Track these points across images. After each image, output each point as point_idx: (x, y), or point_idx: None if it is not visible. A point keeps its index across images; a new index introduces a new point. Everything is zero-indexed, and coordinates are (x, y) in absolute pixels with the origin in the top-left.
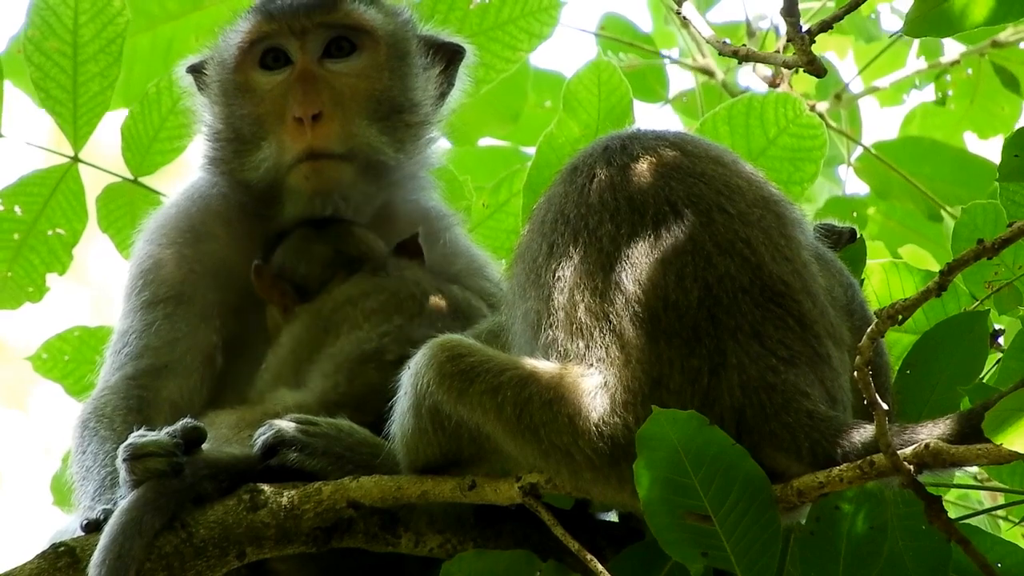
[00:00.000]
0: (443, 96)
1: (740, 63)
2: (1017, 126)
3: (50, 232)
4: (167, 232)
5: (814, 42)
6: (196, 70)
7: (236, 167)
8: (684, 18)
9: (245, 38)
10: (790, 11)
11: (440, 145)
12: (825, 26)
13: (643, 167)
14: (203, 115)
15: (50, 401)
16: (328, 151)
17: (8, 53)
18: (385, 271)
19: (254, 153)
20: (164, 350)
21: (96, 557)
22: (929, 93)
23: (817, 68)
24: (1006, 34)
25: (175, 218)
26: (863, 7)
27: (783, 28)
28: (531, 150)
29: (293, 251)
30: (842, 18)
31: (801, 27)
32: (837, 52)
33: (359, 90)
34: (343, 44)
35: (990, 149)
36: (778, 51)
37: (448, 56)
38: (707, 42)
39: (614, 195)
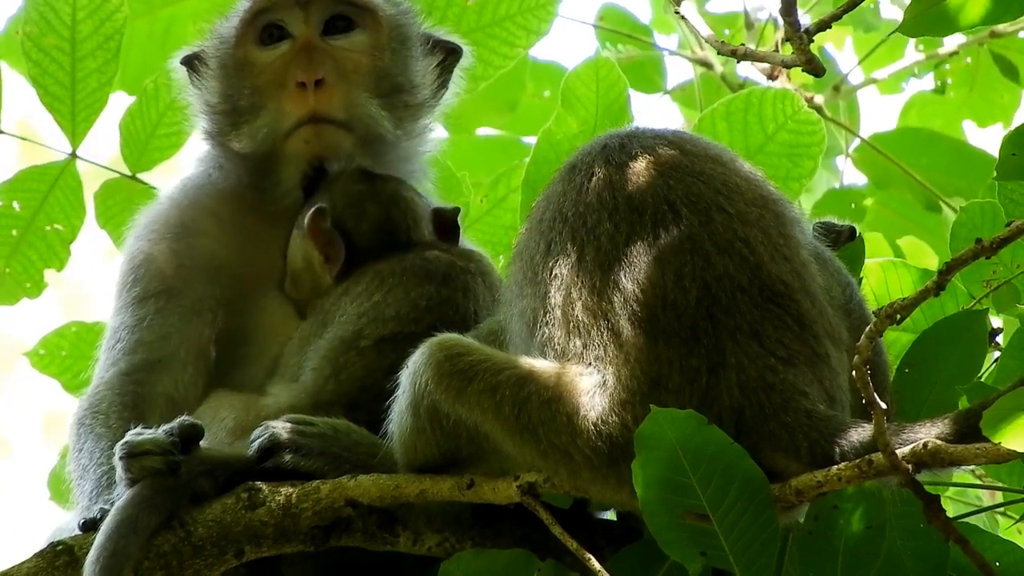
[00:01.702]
0: (440, 89)
1: (738, 61)
2: (1016, 115)
3: (48, 228)
4: (157, 228)
5: (812, 41)
6: (190, 61)
7: (233, 138)
8: (682, 17)
9: (248, 9)
10: (788, 10)
11: (436, 136)
12: (823, 25)
13: (642, 166)
14: (200, 95)
15: (13, 390)
16: (330, 116)
17: (7, 34)
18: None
19: (252, 122)
20: (157, 344)
21: (91, 555)
22: (928, 82)
23: (815, 67)
24: (1005, 24)
25: (165, 213)
26: None
27: (782, 20)
28: (530, 139)
29: (346, 204)
30: (840, 17)
31: (799, 26)
32: (835, 43)
33: (360, 64)
34: (343, 22)
35: (989, 138)
36: (776, 46)
37: (445, 53)
38: (705, 41)
39: (612, 194)
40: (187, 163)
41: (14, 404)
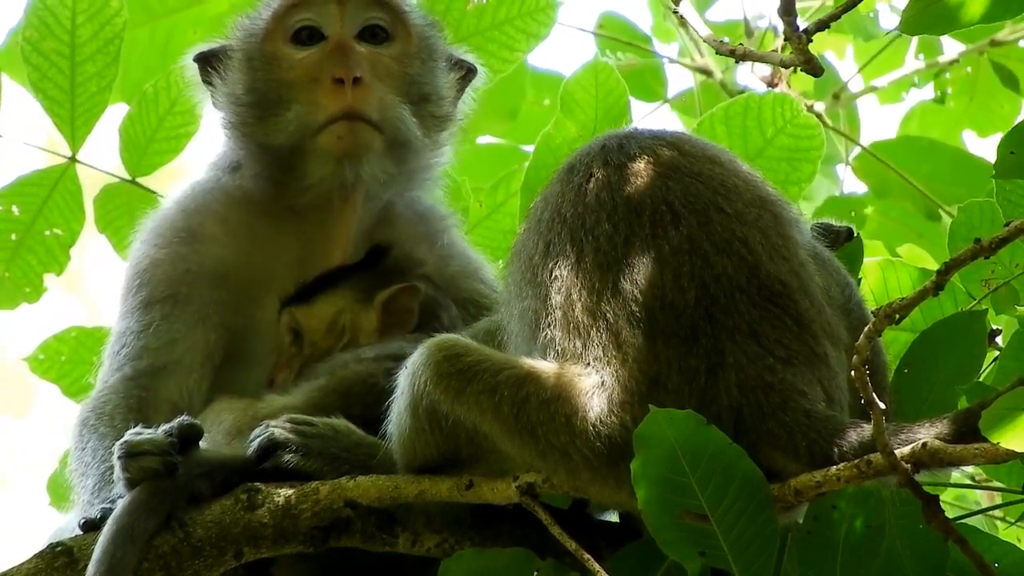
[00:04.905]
0: (455, 102)
1: (738, 62)
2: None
3: (48, 232)
4: (163, 232)
5: (811, 41)
6: (205, 58)
7: (258, 130)
8: (681, 17)
9: (283, 5)
10: (787, 10)
11: (449, 149)
12: (822, 25)
13: (640, 167)
14: (222, 87)
15: (51, 408)
16: (366, 115)
17: (7, 47)
18: None
19: (280, 115)
20: (162, 351)
21: (90, 568)
22: (928, 91)
23: (814, 67)
24: (1005, 32)
25: (172, 218)
26: (861, 5)
27: (781, 27)
28: (530, 148)
29: (427, 302)
30: (839, 17)
31: (798, 26)
32: (836, 51)
33: (393, 70)
34: (378, 31)
35: (989, 148)
36: (776, 50)
37: (463, 72)
38: (704, 41)
39: (611, 194)
40: (187, 167)
41: (41, 430)
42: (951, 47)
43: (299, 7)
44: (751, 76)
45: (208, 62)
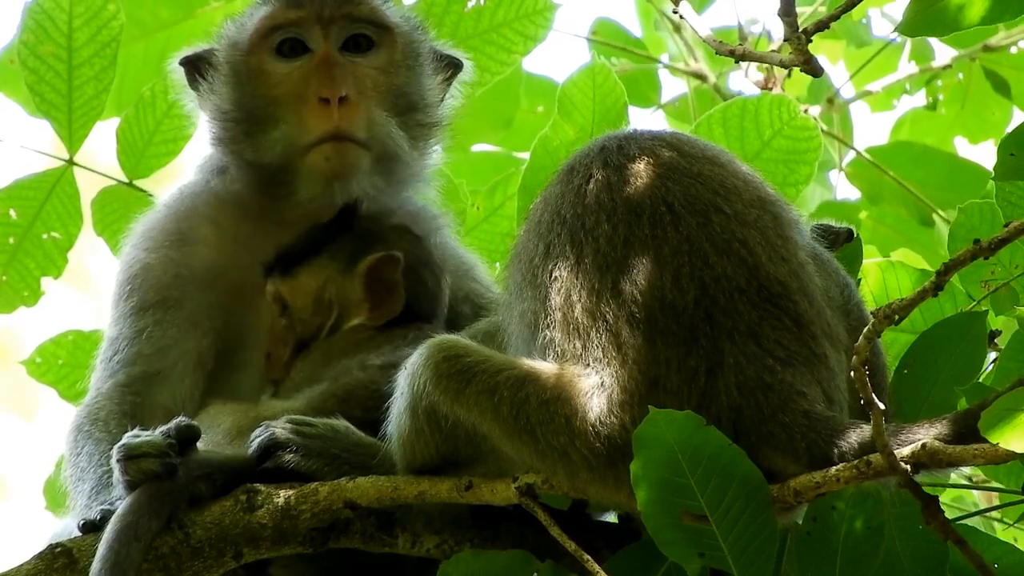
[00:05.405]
0: (442, 102)
1: (736, 62)
2: (1008, 131)
3: (45, 236)
4: (154, 236)
5: (810, 41)
6: (191, 62)
7: (246, 147)
8: (681, 16)
9: (266, 23)
10: (787, 10)
11: (440, 150)
12: (821, 25)
13: (640, 168)
14: (209, 99)
15: (57, 410)
16: (352, 134)
17: (1, 64)
18: None
19: (268, 133)
20: (155, 357)
21: (94, 566)
22: (920, 99)
23: (814, 67)
24: (997, 38)
25: (162, 221)
26: (854, 11)
27: (775, 32)
28: (524, 156)
29: (408, 264)
30: (839, 17)
31: (797, 26)
32: (829, 58)
33: (379, 82)
34: (361, 41)
35: (979, 154)
36: (774, 51)
37: (451, 68)
38: (703, 41)
39: (611, 196)
40: (185, 170)
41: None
42: (943, 53)
43: (282, 21)
44: (745, 81)
45: (195, 66)
